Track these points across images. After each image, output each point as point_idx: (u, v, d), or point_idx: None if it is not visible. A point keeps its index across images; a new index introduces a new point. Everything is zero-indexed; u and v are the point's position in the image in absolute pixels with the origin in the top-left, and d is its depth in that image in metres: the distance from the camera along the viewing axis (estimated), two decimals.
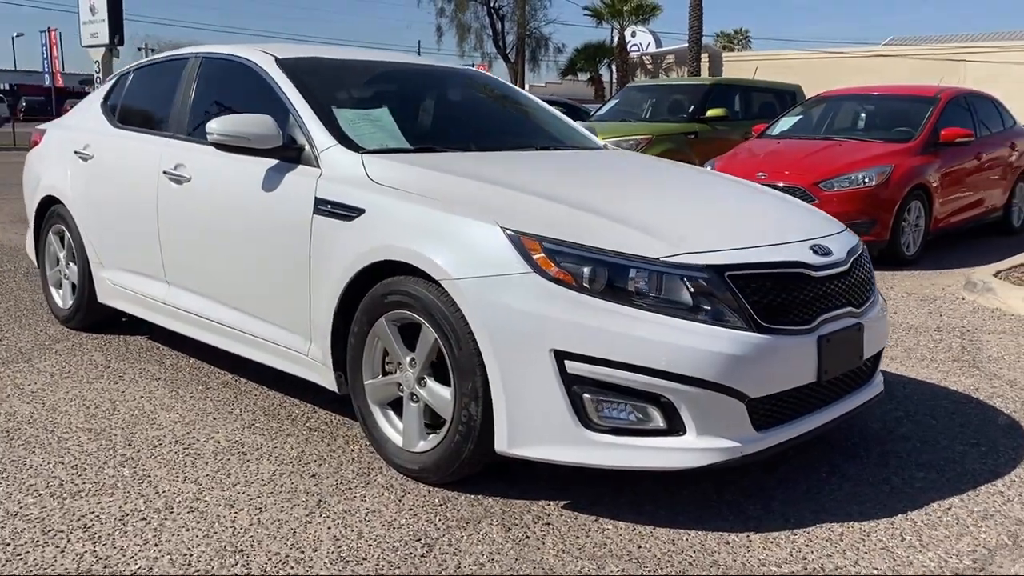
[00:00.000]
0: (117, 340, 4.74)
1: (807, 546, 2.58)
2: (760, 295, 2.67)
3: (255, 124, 3.39)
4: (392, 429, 3.08)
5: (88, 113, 4.90)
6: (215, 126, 3.43)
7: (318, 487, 2.94)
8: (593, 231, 2.70)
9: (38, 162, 5.17)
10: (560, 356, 2.58)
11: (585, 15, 38.14)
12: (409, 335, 2.99)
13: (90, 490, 2.89)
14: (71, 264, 4.90)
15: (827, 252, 2.95)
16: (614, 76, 38.60)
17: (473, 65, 41.31)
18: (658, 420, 2.58)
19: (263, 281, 3.51)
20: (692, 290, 2.59)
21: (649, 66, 40.37)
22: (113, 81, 4.89)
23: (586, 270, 2.61)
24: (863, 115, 8.86)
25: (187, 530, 2.63)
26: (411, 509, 2.78)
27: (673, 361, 2.52)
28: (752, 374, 2.59)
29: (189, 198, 3.85)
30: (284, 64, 3.79)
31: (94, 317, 4.84)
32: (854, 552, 2.55)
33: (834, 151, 7.83)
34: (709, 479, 2.98)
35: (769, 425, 2.70)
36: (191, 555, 2.48)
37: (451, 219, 2.84)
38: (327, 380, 3.32)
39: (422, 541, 2.58)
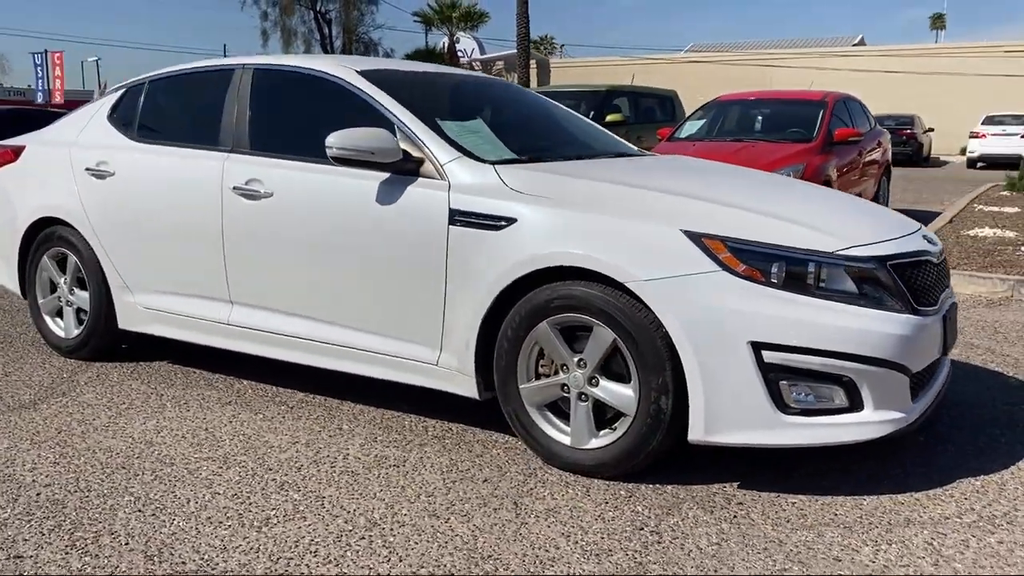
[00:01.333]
0: (139, 367, 4.48)
1: (971, 497, 2.94)
2: (909, 281, 3.01)
3: (376, 138, 3.38)
4: (554, 429, 3.18)
5: (90, 127, 4.59)
6: (335, 141, 3.38)
7: (498, 491, 3.00)
8: (766, 230, 2.94)
9: (17, 182, 4.78)
10: (757, 347, 2.80)
11: (415, 21, 38.23)
12: (569, 338, 3.11)
13: (279, 516, 2.81)
14: (76, 290, 4.57)
15: (934, 241, 3.35)
16: None
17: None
18: (841, 398, 2.86)
19: (378, 295, 3.50)
20: (864, 279, 2.89)
21: (479, 72, 41.04)
22: (120, 93, 4.60)
23: (774, 266, 2.85)
24: (759, 118, 9.60)
25: (416, 543, 2.64)
26: (608, 502, 2.91)
27: (857, 344, 2.81)
28: (913, 351, 2.92)
29: (270, 214, 3.75)
30: (369, 76, 3.78)
31: (106, 345, 4.56)
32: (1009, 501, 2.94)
33: (751, 152, 8.45)
34: (836, 452, 3.29)
35: (916, 397, 3.05)
36: (442, 563, 2.51)
37: (627, 224, 2.99)
38: (464, 388, 3.36)
39: (646, 529, 2.73)
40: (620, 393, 3.02)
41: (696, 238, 2.90)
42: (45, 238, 4.63)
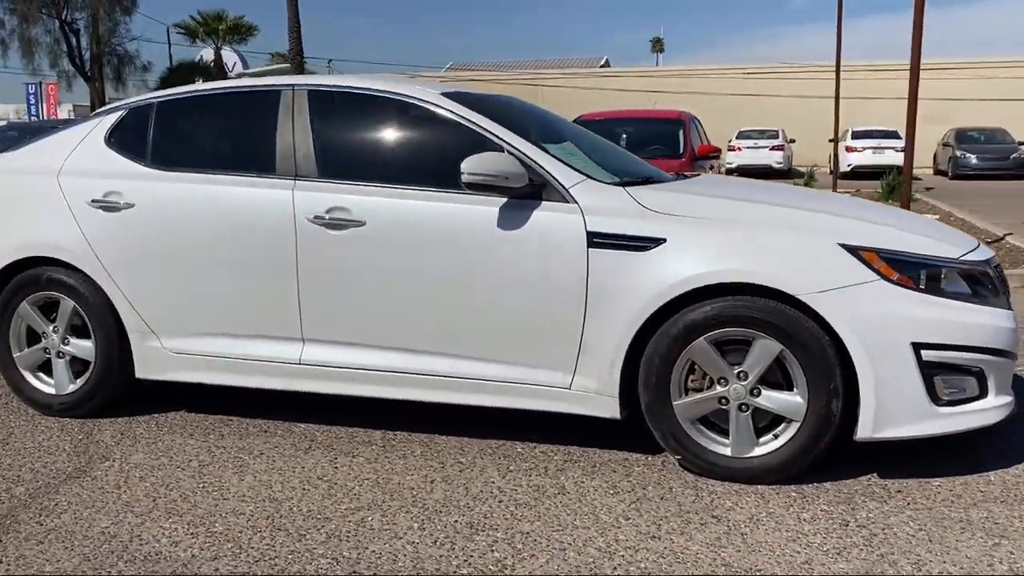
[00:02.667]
0: (158, 420, 4.03)
1: None
2: (1000, 282, 3.44)
3: (508, 163, 3.32)
4: (711, 442, 3.29)
5: (81, 154, 4.05)
6: (471, 166, 3.28)
7: (686, 507, 3.06)
8: (903, 240, 3.23)
9: None
10: (917, 347, 3.09)
11: (178, 33, 36.05)
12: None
13: (512, 558, 2.70)
14: (72, 339, 4.02)
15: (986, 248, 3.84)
16: None
17: (41, 83, 36.69)
18: (973, 388, 3.21)
19: (500, 321, 3.42)
20: (976, 281, 3.27)
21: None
22: (118, 116, 4.08)
23: (921, 273, 3.15)
24: (624, 136, 10.13)
25: (670, 564, 2.65)
26: (791, 505, 3.07)
27: (989, 338, 3.17)
28: (1017, 342, 3.35)
29: (362, 243, 3.54)
30: (458, 99, 3.68)
31: (114, 399, 4.06)
32: None
33: None
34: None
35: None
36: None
37: (784, 238, 3.17)
38: (601, 409, 3.38)
39: (851, 524, 2.91)
40: (787, 400, 3.19)
41: (854, 251, 3.13)
42: (25, 282, 4.02)
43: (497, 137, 3.51)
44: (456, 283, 3.45)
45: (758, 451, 3.23)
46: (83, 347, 4.01)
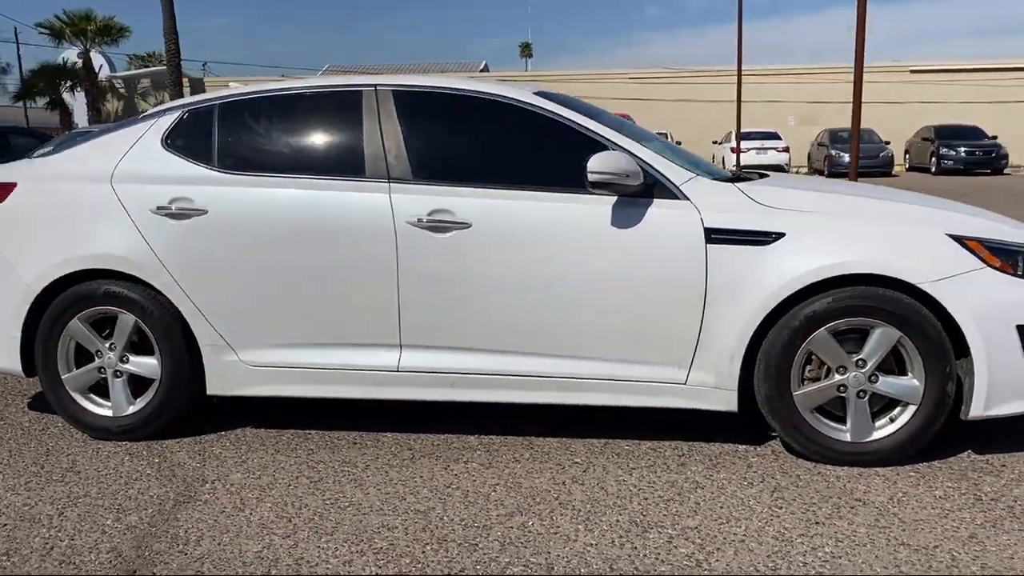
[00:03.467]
0: (232, 436, 3.82)
1: None
2: None
3: (628, 162, 3.33)
4: (831, 429, 3.40)
5: (137, 157, 3.78)
6: (598, 165, 3.28)
7: (827, 495, 3.15)
8: (996, 229, 3.43)
9: (10, 230, 3.80)
10: (1021, 329, 3.30)
11: (41, 33, 33.87)
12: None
13: (707, 551, 2.72)
14: (132, 357, 3.76)
15: None
16: (82, 100, 35.10)
17: None
18: None
19: (615, 321, 3.43)
20: None
21: (122, 90, 37.61)
22: (176, 117, 3.83)
23: (1018, 259, 3.36)
24: None
25: (877, 552, 2.74)
26: (920, 484, 3.22)
27: None
28: None
29: (468, 245, 3.47)
30: (554, 99, 3.67)
31: (180, 418, 3.82)
32: None
33: None
34: None
35: None
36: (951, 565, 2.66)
37: (898, 230, 3.32)
38: (716, 403, 3.44)
39: (999, 500, 3.07)
40: (904, 385, 3.33)
41: (960, 240, 3.31)
42: (77, 298, 3.73)
43: (603, 137, 3.52)
44: (567, 283, 3.43)
45: (876, 435, 3.36)
46: (145, 364, 3.75)
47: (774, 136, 27.57)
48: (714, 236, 3.35)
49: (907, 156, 28.95)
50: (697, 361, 3.42)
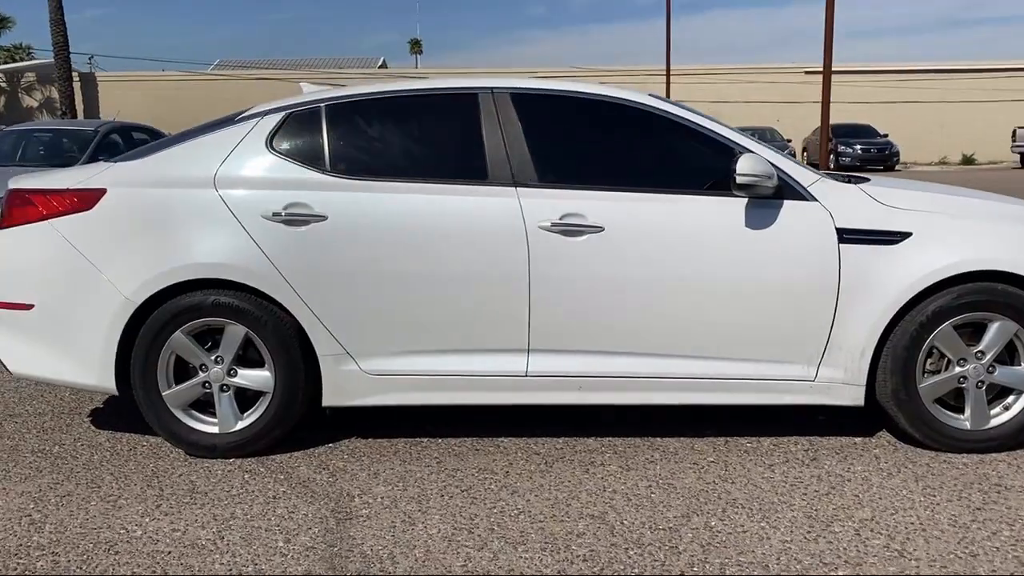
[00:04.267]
0: (344, 448, 3.71)
1: None
2: None
3: (767, 165, 3.41)
4: (949, 418, 3.56)
5: (240, 161, 3.61)
6: (744, 168, 3.34)
7: (970, 481, 3.31)
8: None
9: (100, 238, 3.57)
10: None
11: None
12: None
13: (902, 540, 2.83)
14: (241, 370, 3.60)
15: None
16: None
17: None
18: None
19: (747, 321, 3.50)
20: None
21: (3, 84, 35.42)
22: (279, 119, 3.67)
23: None
24: None
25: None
26: None
27: None
28: None
29: (600, 249, 3.47)
30: (665, 100, 3.71)
31: (289, 432, 3.69)
32: None
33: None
34: None
35: None
36: None
37: (1010, 228, 3.51)
38: (843, 398, 3.56)
39: None
40: (1021, 373, 3.53)
41: None
42: (182, 309, 3.54)
43: (730, 140, 3.59)
44: (699, 284, 3.48)
45: (993, 423, 3.55)
46: (256, 377, 3.59)
47: None
48: (846, 236, 3.46)
49: (805, 153, 30.29)
50: (827, 358, 3.53)
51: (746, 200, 3.50)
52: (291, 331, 3.55)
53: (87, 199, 3.61)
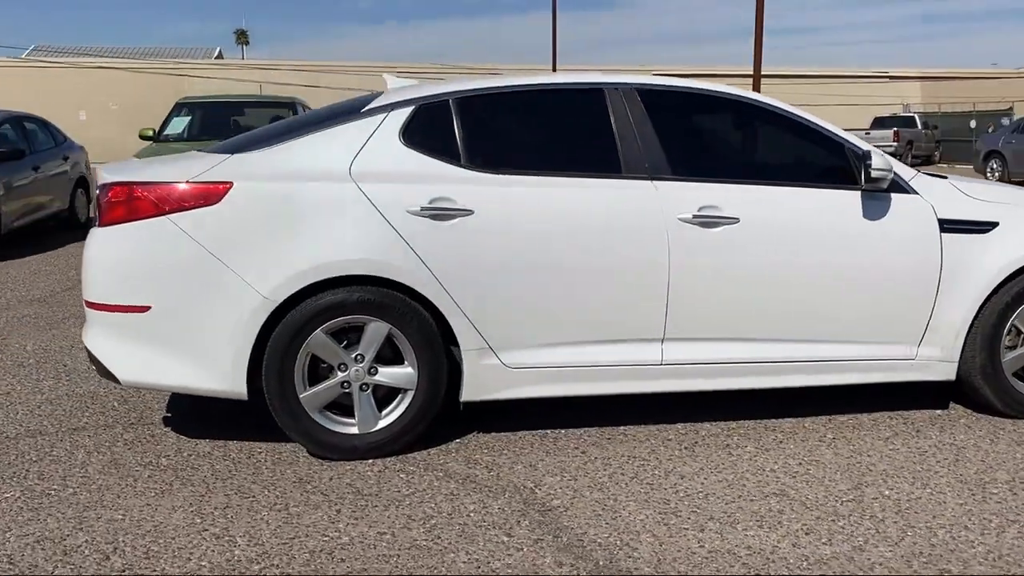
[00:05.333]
0: (472, 442, 3.69)
1: None
2: None
3: (889, 160, 3.68)
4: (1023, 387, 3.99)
5: (374, 155, 3.51)
6: (879, 163, 3.59)
7: None
8: None
9: (231, 234, 3.38)
10: None
11: None
12: None
13: None
14: (381, 368, 3.51)
15: None
16: None
17: None
18: None
19: (864, 305, 3.77)
20: None
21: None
22: (410, 112, 3.58)
23: None
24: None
25: None
26: None
27: None
28: None
29: (735, 240, 3.64)
30: (777, 101, 3.92)
31: (429, 429, 3.64)
32: None
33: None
34: None
35: None
36: None
37: None
38: (939, 374, 3.91)
39: None
40: None
41: None
42: (324, 307, 3.40)
43: (840, 137, 3.85)
44: (821, 272, 3.72)
45: None
46: (398, 375, 3.51)
47: None
48: (946, 226, 3.80)
49: None
50: (926, 338, 3.86)
51: (859, 193, 3.76)
52: (435, 327, 3.49)
53: (212, 193, 3.40)
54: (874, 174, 3.64)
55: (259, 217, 3.39)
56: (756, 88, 13.61)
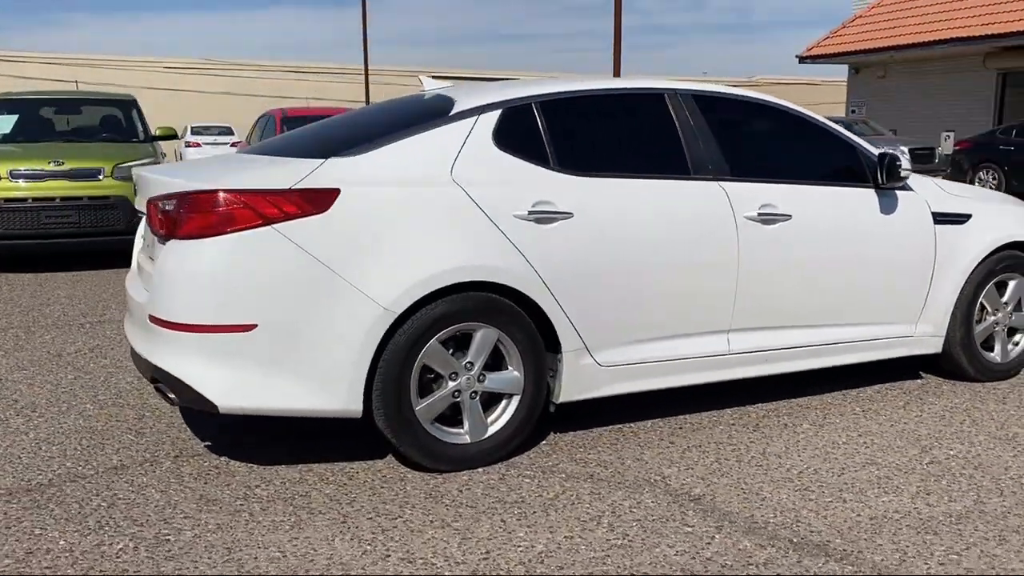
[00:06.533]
0: (576, 439, 3.75)
1: None
2: None
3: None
4: (990, 356, 4.65)
5: (470, 159, 3.45)
6: (906, 164, 4.05)
7: None
8: None
9: (338, 243, 3.21)
10: None
11: None
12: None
13: None
14: (488, 374, 3.49)
15: None
16: None
17: None
18: None
19: (883, 290, 4.25)
20: None
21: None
22: (499, 115, 3.53)
23: None
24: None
25: None
26: None
27: None
28: None
29: (788, 235, 3.97)
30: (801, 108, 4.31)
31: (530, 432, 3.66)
32: None
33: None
34: None
35: None
36: None
37: (1020, 210, 4.70)
38: (931, 347, 4.49)
39: None
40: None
41: None
42: (441, 316, 3.30)
43: (852, 140, 4.29)
44: (854, 262, 4.15)
45: (1011, 357, 4.72)
46: (506, 379, 3.48)
47: (228, 131, 28.32)
48: (938, 219, 4.37)
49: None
50: (923, 316, 4.41)
51: (875, 191, 4.23)
52: (538, 330, 3.51)
53: (320, 200, 3.19)
54: (903, 173, 4.12)
55: (370, 224, 3.24)
56: None
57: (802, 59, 26.09)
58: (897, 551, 2.80)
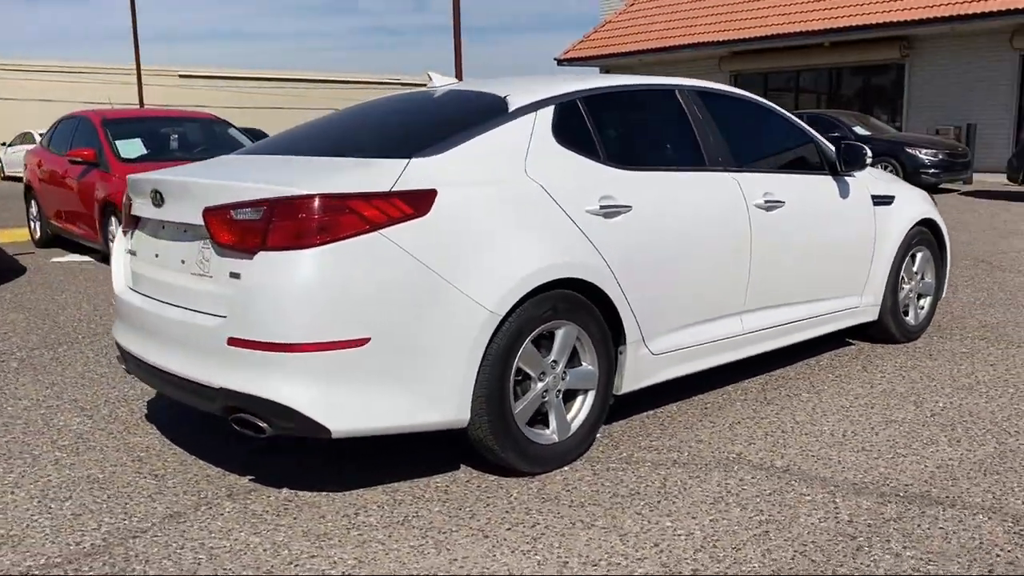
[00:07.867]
0: (633, 426, 3.83)
1: None
2: None
3: None
4: (908, 319, 5.31)
5: (536, 156, 3.41)
6: (870, 153, 4.49)
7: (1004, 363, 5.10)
8: None
9: (443, 244, 3.06)
10: None
11: None
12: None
13: None
14: (569, 371, 3.48)
15: None
16: None
17: None
18: None
19: (842, 267, 4.72)
20: None
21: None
22: (552, 110, 3.49)
23: None
24: (175, 135, 9.25)
25: None
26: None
27: None
28: None
29: (784, 221, 4.29)
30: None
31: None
32: None
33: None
34: None
35: None
36: None
37: (914, 193, 5.39)
38: (872, 315, 5.05)
39: None
40: (929, 283, 5.46)
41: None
42: (534, 315, 3.24)
43: (812, 133, 4.72)
44: (827, 243, 4.58)
45: (922, 318, 5.41)
46: (582, 375, 3.48)
47: None
48: (875, 201, 4.92)
49: None
50: (866, 288, 4.95)
51: (833, 178, 4.68)
52: (608, 323, 3.56)
53: (421, 202, 3.02)
54: (868, 162, 4.59)
55: (469, 225, 3.11)
56: None
57: (560, 61, 27.45)
58: (986, 492, 3.17)
